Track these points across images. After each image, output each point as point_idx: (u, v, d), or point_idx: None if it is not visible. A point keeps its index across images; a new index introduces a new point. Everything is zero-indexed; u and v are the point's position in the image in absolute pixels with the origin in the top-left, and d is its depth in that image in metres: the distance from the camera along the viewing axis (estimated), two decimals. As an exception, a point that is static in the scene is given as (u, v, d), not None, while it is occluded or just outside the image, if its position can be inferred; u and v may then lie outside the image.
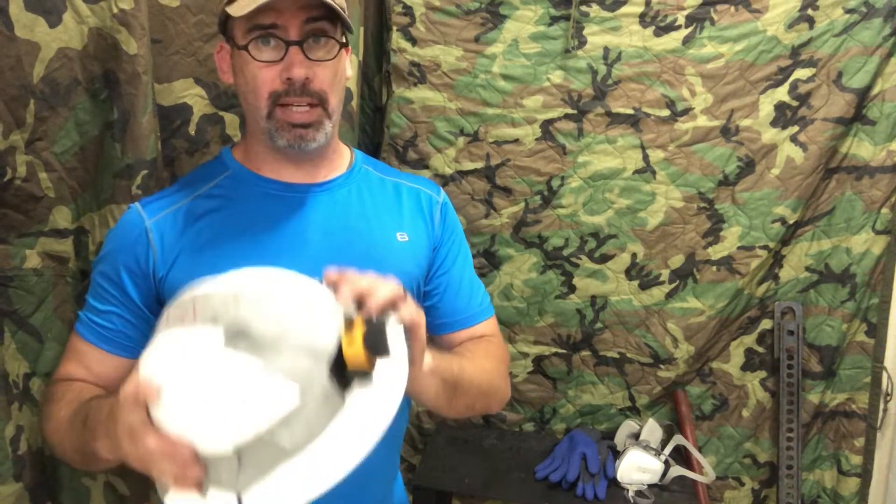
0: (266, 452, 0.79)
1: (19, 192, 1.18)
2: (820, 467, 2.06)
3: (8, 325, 1.21)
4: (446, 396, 1.06)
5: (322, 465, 0.80)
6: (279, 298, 0.86)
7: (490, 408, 1.26)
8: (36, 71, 1.17)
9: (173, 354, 0.82)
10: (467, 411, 1.18)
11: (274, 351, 0.80)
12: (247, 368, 0.79)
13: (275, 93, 1.10)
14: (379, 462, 1.24)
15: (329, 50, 1.12)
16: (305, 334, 0.83)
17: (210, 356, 0.80)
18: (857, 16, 1.82)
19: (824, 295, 1.99)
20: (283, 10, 1.07)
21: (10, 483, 1.18)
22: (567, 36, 1.92)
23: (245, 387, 0.78)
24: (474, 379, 1.14)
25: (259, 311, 0.82)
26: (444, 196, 1.34)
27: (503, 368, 1.28)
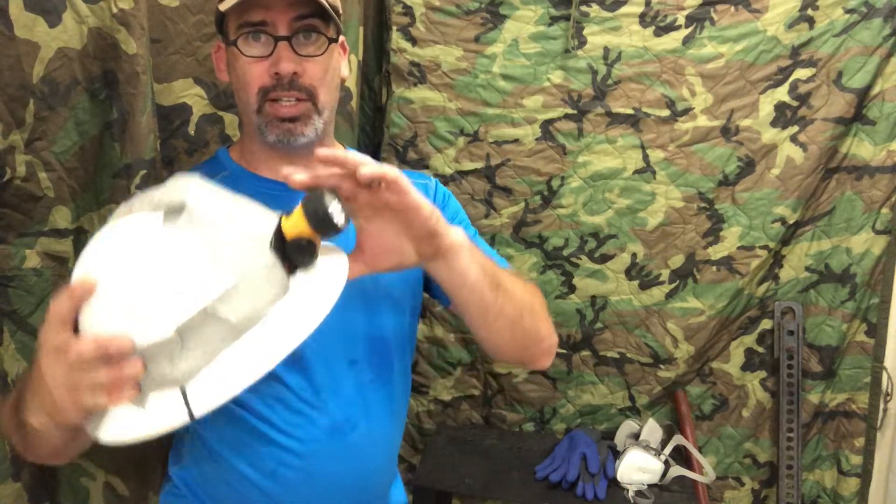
0: (210, 330, 0.76)
1: (19, 191, 1.18)
2: (820, 467, 2.06)
3: (7, 325, 1.21)
4: (490, 286, 1.00)
5: (266, 344, 0.78)
6: (221, 193, 0.85)
7: (541, 337, 1.14)
8: (35, 71, 1.17)
9: (107, 248, 0.80)
10: (518, 328, 1.07)
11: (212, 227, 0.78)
12: (185, 246, 0.77)
13: (264, 88, 1.11)
14: (378, 461, 1.25)
15: (318, 46, 1.13)
16: (247, 216, 0.82)
17: (146, 240, 0.78)
18: (857, 16, 1.82)
19: (824, 295, 1.99)
20: (272, 7, 1.09)
21: (9, 483, 1.18)
22: (567, 36, 1.92)
23: (184, 264, 0.76)
24: (515, 284, 1.07)
25: (200, 195, 0.81)
26: (435, 182, 1.34)
27: (542, 299, 1.17)
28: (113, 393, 0.76)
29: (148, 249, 0.77)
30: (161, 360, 0.76)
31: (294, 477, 1.14)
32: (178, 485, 1.22)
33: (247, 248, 0.80)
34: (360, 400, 1.18)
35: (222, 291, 0.76)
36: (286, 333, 0.79)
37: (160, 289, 0.76)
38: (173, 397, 0.77)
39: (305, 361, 1.13)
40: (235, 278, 0.77)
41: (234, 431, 1.14)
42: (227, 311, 0.77)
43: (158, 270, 0.76)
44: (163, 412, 0.77)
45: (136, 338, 0.75)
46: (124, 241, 0.79)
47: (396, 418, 1.28)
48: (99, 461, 1.39)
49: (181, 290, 0.75)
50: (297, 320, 0.80)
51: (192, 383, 0.77)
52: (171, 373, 0.76)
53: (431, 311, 2.10)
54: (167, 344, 0.75)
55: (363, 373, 1.18)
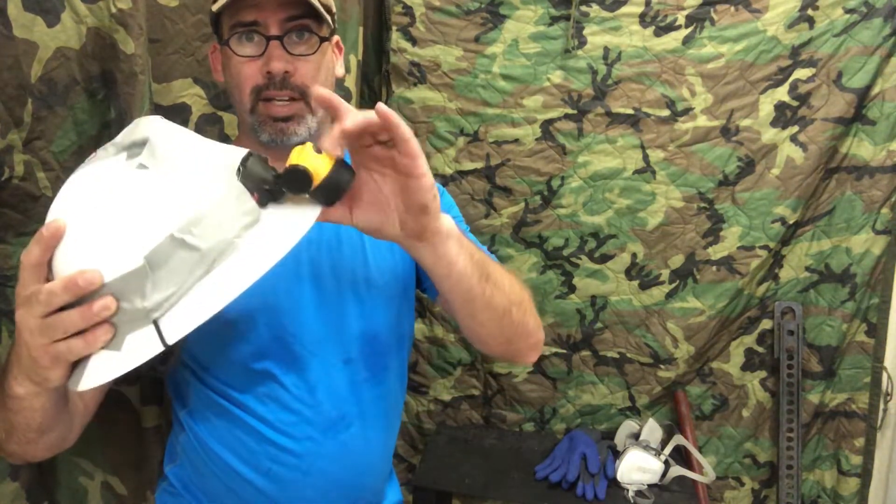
0: (180, 259, 0.75)
1: (17, 191, 1.19)
2: (820, 467, 2.05)
3: (6, 324, 1.21)
4: (478, 277, 0.97)
5: (236, 270, 0.76)
6: (183, 130, 0.84)
7: (528, 332, 1.12)
8: (34, 70, 1.17)
9: (72, 191, 0.79)
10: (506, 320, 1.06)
11: (175, 159, 0.77)
12: (147, 178, 0.76)
13: (257, 87, 1.12)
14: (373, 460, 1.25)
15: (311, 45, 1.13)
16: (211, 148, 0.81)
17: (109, 178, 0.77)
18: (857, 16, 1.82)
19: (824, 295, 1.98)
20: (263, 7, 1.09)
21: (7, 482, 1.19)
22: (567, 36, 1.92)
23: (149, 196, 0.75)
24: (504, 277, 1.06)
25: (162, 130, 0.80)
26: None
27: (529, 295, 1.16)
28: (87, 336, 0.75)
29: (113, 187, 0.76)
30: (133, 296, 0.74)
31: (289, 475, 1.14)
32: (173, 483, 1.23)
33: (212, 178, 0.78)
34: (355, 398, 1.18)
35: (188, 218, 0.75)
36: (256, 259, 0.77)
37: (126, 222, 0.74)
38: (147, 332, 0.75)
39: (300, 360, 1.14)
40: (202, 206, 0.76)
41: (229, 429, 1.14)
42: (195, 238, 0.75)
43: (123, 205, 0.75)
44: (137, 346, 0.75)
45: (104, 272, 0.73)
46: (90, 182, 0.79)
47: (391, 417, 1.28)
48: (97, 460, 1.39)
49: (147, 220, 0.74)
50: (268, 247, 0.78)
51: (167, 315, 0.75)
52: (143, 305, 0.74)
53: (431, 311, 2.10)
54: (137, 275, 0.73)
55: (358, 372, 1.18)
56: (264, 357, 1.13)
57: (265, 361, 1.13)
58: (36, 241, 0.75)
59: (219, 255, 0.77)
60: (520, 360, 1.20)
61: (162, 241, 0.74)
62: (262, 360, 1.13)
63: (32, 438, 0.95)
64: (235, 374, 1.14)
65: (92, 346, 0.75)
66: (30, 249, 0.75)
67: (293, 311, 1.15)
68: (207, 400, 1.16)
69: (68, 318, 0.74)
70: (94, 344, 0.75)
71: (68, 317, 0.74)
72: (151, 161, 0.78)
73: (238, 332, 1.12)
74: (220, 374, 1.14)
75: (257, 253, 0.78)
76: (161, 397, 1.44)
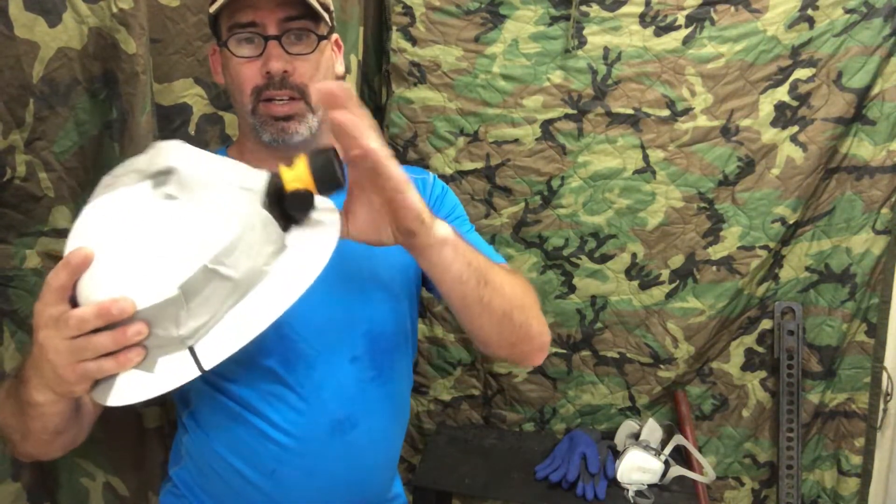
0: (213, 288, 0.77)
1: (19, 191, 1.18)
2: (820, 467, 2.06)
3: (7, 325, 1.21)
4: (476, 282, 0.98)
5: (270, 297, 0.79)
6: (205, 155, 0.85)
7: (531, 335, 1.11)
8: (35, 71, 1.17)
9: (98, 218, 0.80)
10: (506, 324, 1.05)
11: (203, 188, 0.78)
12: (176, 208, 0.77)
13: (257, 88, 1.12)
14: (379, 460, 1.24)
15: (309, 44, 1.13)
16: (235, 174, 0.82)
17: (137, 207, 0.78)
18: (857, 16, 1.82)
19: (824, 295, 1.99)
20: (260, 7, 1.10)
21: (8, 483, 1.18)
22: (567, 36, 1.92)
23: (180, 226, 0.76)
24: (505, 282, 1.05)
25: (186, 157, 0.81)
26: (433, 177, 1.34)
27: (534, 297, 1.15)
28: (119, 357, 0.76)
29: (142, 216, 0.78)
30: (166, 322, 0.76)
31: (294, 476, 1.13)
32: (177, 485, 1.22)
33: (241, 206, 0.80)
34: (361, 398, 1.17)
35: (221, 247, 0.76)
36: (288, 285, 0.80)
37: (159, 251, 0.76)
38: (182, 356, 0.78)
39: (306, 359, 1.13)
40: (233, 234, 0.77)
41: (233, 430, 1.13)
42: (227, 267, 0.77)
43: (155, 234, 0.77)
44: (172, 370, 0.78)
45: (137, 301, 0.75)
46: (117, 210, 0.80)
47: (398, 417, 1.28)
48: (99, 461, 1.39)
49: (180, 250, 0.76)
50: (297, 272, 0.81)
51: (202, 342, 0.78)
52: (178, 333, 0.77)
53: (431, 311, 2.10)
54: (171, 304, 0.75)
55: (364, 370, 1.18)
56: (269, 356, 1.12)
57: (270, 360, 1.13)
58: (64, 266, 0.77)
59: (250, 282, 0.80)
60: (525, 363, 1.20)
61: (196, 271, 0.75)
62: (268, 359, 1.12)
63: (48, 440, 0.97)
64: (240, 374, 1.13)
65: (123, 366, 0.77)
66: (57, 272, 0.77)
67: (299, 308, 1.14)
68: (211, 401, 1.15)
69: (99, 342, 0.76)
70: (126, 365, 0.77)
71: (99, 340, 0.76)
72: (178, 190, 0.79)
73: None
74: (224, 374, 1.13)
75: (288, 279, 0.81)
76: (163, 398, 1.44)
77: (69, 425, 0.96)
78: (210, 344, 0.78)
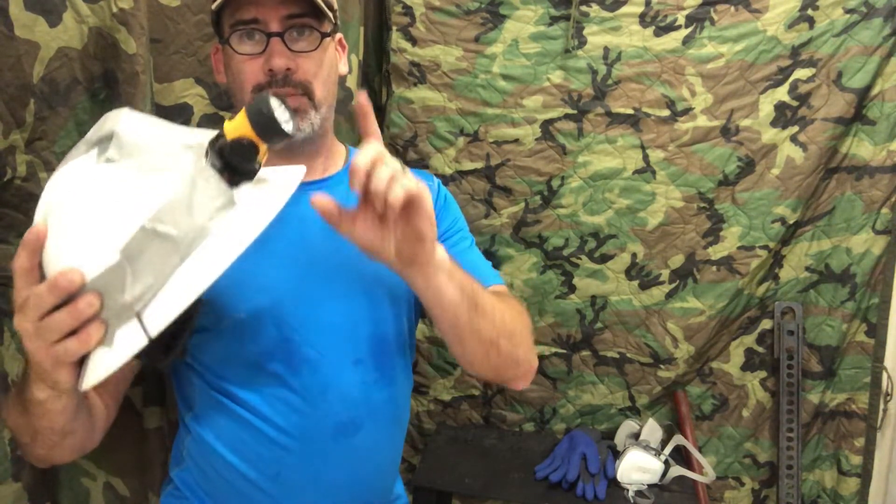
0: (156, 249, 0.75)
1: (19, 191, 1.19)
2: (820, 467, 2.06)
3: (7, 324, 1.21)
4: (467, 308, 0.98)
5: (211, 254, 0.77)
6: (151, 119, 0.84)
7: (518, 362, 1.12)
8: (36, 70, 1.17)
9: (51, 193, 0.80)
10: (493, 351, 1.06)
11: (143, 150, 0.78)
12: (114, 172, 0.76)
13: (258, 85, 1.11)
14: (382, 462, 1.25)
15: (311, 41, 1.13)
16: (179, 135, 0.81)
17: (79, 176, 0.78)
18: (857, 16, 1.82)
19: (824, 295, 1.99)
20: (263, 4, 1.09)
21: (9, 483, 1.18)
22: (567, 36, 1.92)
23: (117, 190, 0.76)
24: (496, 309, 1.05)
25: (128, 122, 0.80)
26: (437, 182, 1.34)
27: (525, 323, 1.16)
28: (81, 335, 0.76)
29: (83, 184, 0.77)
30: (115, 291, 0.75)
31: (297, 479, 1.13)
32: (179, 486, 1.22)
33: (180, 163, 0.78)
34: (365, 401, 1.17)
35: (158, 206, 0.75)
36: (230, 243, 0.77)
37: (99, 218, 0.75)
38: (132, 325, 0.76)
39: (309, 362, 1.13)
40: (170, 192, 0.76)
41: (235, 432, 1.13)
42: (166, 226, 0.75)
43: (94, 201, 0.76)
44: (126, 340, 0.76)
45: (86, 271, 0.74)
46: (64, 182, 0.79)
47: (399, 419, 1.28)
48: (99, 462, 1.39)
49: (118, 214, 0.75)
50: (239, 229, 0.79)
51: (148, 307, 0.76)
52: (126, 299, 0.75)
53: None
54: (115, 270, 0.74)
55: (368, 373, 1.18)
56: (272, 358, 1.12)
57: (273, 363, 1.12)
58: (22, 247, 0.77)
59: (192, 241, 0.77)
60: (510, 386, 1.21)
61: (134, 233, 0.74)
62: (271, 362, 1.12)
63: (56, 441, 0.97)
64: (243, 376, 1.13)
65: (86, 343, 0.76)
66: (18, 255, 0.77)
67: (302, 311, 1.14)
68: (214, 403, 1.15)
69: (59, 319, 0.75)
70: (89, 342, 0.76)
71: (59, 317, 0.75)
72: (118, 154, 0.78)
73: (246, 332, 1.11)
74: (227, 376, 1.13)
75: (230, 235, 0.78)
76: (164, 398, 1.44)
77: (75, 426, 0.95)
78: (155, 309, 0.76)
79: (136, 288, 0.75)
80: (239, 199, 0.82)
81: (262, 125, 0.81)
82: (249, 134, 0.81)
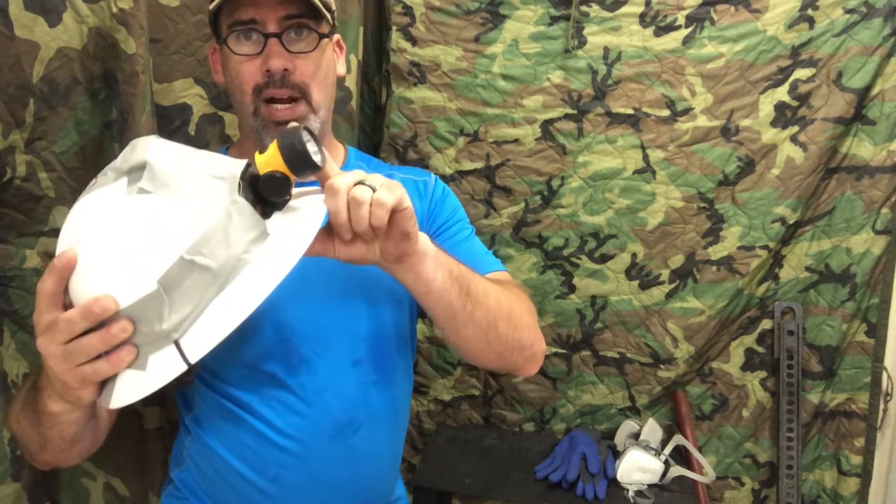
0: (193, 280, 0.76)
1: (19, 191, 1.19)
2: (820, 467, 2.06)
3: (8, 324, 1.21)
4: (458, 295, 0.99)
5: (249, 285, 0.78)
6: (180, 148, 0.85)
7: (522, 345, 1.11)
8: (35, 71, 1.17)
9: (79, 220, 0.80)
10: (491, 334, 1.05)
11: (176, 180, 0.78)
12: (150, 203, 0.77)
13: (257, 86, 1.12)
14: (382, 463, 1.24)
15: (309, 42, 1.13)
16: (210, 165, 0.81)
17: (113, 205, 0.78)
18: (857, 16, 1.82)
19: (824, 295, 1.99)
20: (261, 5, 1.09)
21: (9, 483, 1.18)
22: (567, 36, 1.92)
23: (153, 220, 0.76)
24: (490, 292, 1.05)
25: (160, 151, 0.81)
26: (435, 178, 1.34)
27: (527, 306, 1.15)
28: (111, 357, 0.77)
29: (118, 213, 0.77)
30: (150, 318, 0.76)
31: (296, 480, 1.13)
32: (179, 486, 1.22)
33: (215, 195, 0.79)
34: (364, 401, 1.17)
35: (197, 238, 0.76)
36: (268, 273, 0.79)
37: (135, 247, 0.76)
38: (169, 351, 0.78)
39: (308, 363, 1.13)
40: (208, 224, 0.77)
41: (235, 434, 1.13)
42: (204, 257, 0.76)
43: (131, 231, 0.76)
44: (162, 366, 0.78)
45: (120, 298, 0.75)
46: (95, 210, 0.79)
47: (399, 420, 1.28)
48: (99, 462, 1.39)
49: (156, 244, 0.76)
50: (276, 260, 0.80)
51: (186, 335, 0.78)
52: (162, 328, 0.77)
53: (431, 312, 2.10)
54: (152, 299, 0.75)
55: (367, 374, 1.18)
56: (271, 359, 1.12)
57: (272, 364, 1.12)
58: (49, 272, 0.77)
59: (230, 272, 0.79)
60: (518, 373, 1.20)
61: (173, 264, 0.75)
62: (269, 363, 1.12)
63: (65, 448, 0.98)
64: (242, 378, 1.13)
65: (117, 366, 0.78)
66: (44, 280, 0.78)
67: (300, 312, 1.14)
68: (214, 404, 1.15)
69: (89, 343, 0.76)
70: (119, 364, 0.78)
71: (89, 341, 0.76)
72: (152, 185, 0.78)
73: (244, 334, 1.11)
74: (226, 378, 1.13)
75: (267, 266, 0.80)
76: (163, 399, 1.44)
77: (85, 433, 0.97)
78: (194, 336, 0.78)
79: (174, 317, 0.77)
80: (272, 229, 0.83)
81: (296, 160, 0.81)
82: (282, 168, 0.81)
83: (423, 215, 1.27)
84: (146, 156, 0.80)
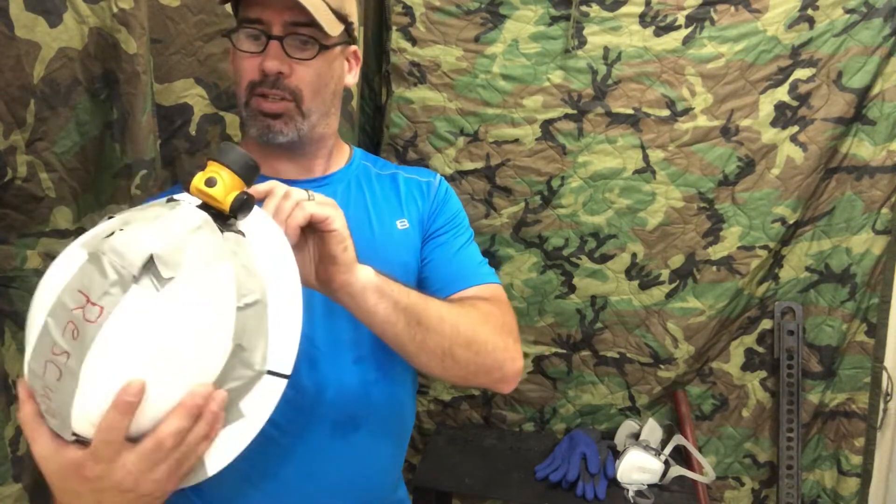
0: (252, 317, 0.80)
1: (20, 192, 1.18)
2: (820, 467, 2.06)
3: (9, 325, 1.21)
4: (406, 326, 1.00)
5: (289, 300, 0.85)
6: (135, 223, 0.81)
7: (487, 369, 1.11)
8: (36, 71, 1.17)
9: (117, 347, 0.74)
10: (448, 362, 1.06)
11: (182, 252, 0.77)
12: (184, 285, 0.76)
13: (252, 82, 1.14)
14: (383, 461, 1.24)
15: (310, 51, 1.14)
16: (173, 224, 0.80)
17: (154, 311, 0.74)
18: (857, 16, 1.82)
19: (824, 295, 1.99)
20: (268, 6, 1.12)
21: (10, 484, 1.18)
22: (567, 36, 1.92)
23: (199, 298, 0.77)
24: (447, 319, 1.05)
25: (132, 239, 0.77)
26: (439, 178, 1.35)
27: (498, 327, 1.14)
28: (210, 433, 0.76)
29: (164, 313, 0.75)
30: (238, 372, 0.79)
31: (295, 477, 1.13)
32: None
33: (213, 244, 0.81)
34: (365, 399, 1.17)
35: (234, 288, 0.79)
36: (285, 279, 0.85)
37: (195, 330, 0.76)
38: (263, 383, 0.81)
39: (310, 359, 1.13)
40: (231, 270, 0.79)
41: None
42: (250, 296, 0.80)
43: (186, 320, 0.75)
44: (262, 399, 0.81)
45: (205, 377, 0.76)
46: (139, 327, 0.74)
47: (402, 419, 1.28)
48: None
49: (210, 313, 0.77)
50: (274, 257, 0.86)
51: (271, 358, 0.81)
52: (255, 370, 0.80)
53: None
54: (234, 355, 0.78)
55: (369, 371, 1.18)
56: None
57: None
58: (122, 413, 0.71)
59: (265, 291, 0.83)
60: (494, 390, 1.21)
61: (234, 317, 0.78)
62: None
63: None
64: None
65: (211, 439, 0.77)
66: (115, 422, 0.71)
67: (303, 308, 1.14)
68: None
69: (197, 433, 0.75)
70: (215, 435, 0.78)
71: (196, 432, 0.75)
72: (170, 270, 0.76)
73: None
74: None
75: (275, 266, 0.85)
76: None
77: None
78: (279, 355, 0.82)
79: (256, 355, 0.80)
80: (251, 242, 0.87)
81: (251, 173, 0.87)
82: (241, 187, 0.86)
83: (424, 215, 1.28)
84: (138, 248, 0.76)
